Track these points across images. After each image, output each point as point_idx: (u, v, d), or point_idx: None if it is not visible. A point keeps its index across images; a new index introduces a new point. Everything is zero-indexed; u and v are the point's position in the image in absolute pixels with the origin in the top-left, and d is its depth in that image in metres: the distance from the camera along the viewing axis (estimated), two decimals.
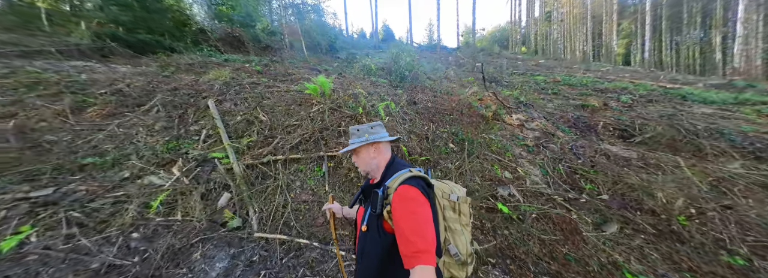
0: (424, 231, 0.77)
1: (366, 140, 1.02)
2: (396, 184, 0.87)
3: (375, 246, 0.88)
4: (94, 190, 2.31)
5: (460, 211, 0.92)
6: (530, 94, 6.50)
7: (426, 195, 0.86)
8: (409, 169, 0.94)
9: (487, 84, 7.91)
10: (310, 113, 3.56)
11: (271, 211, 2.37)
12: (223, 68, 5.42)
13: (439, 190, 0.93)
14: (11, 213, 1.98)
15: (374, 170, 1.04)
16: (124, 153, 2.73)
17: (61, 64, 4.35)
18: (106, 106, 3.50)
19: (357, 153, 1.06)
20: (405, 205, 0.82)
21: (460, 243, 0.87)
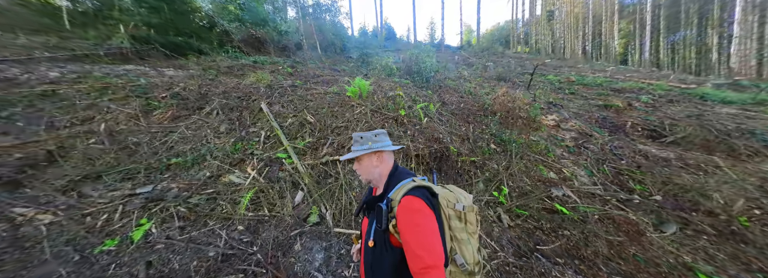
0: (431, 244, 0.75)
1: (369, 148, 0.98)
2: (399, 196, 0.84)
3: (384, 261, 0.85)
4: (185, 187, 2.37)
5: (466, 220, 0.88)
6: (548, 94, 6.45)
7: (430, 205, 0.83)
8: (412, 179, 0.91)
9: (502, 83, 7.85)
10: (354, 115, 3.61)
11: (341, 209, 2.46)
12: (259, 71, 5.36)
13: (444, 200, 0.88)
14: (128, 207, 2.16)
15: (376, 179, 1.00)
16: (200, 153, 2.79)
17: (116, 68, 4.33)
18: (169, 109, 3.50)
19: (359, 161, 1.01)
20: (410, 218, 0.79)
21: (466, 252, 0.83)
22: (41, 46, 5.19)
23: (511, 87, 6.87)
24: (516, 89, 6.29)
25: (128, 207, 2.11)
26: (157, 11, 6.90)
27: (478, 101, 4.85)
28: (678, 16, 22.51)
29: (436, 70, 6.45)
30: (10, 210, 1.92)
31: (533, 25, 28.00)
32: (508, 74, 9.05)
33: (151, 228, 1.98)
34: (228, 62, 6.32)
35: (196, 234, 2.00)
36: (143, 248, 1.85)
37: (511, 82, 7.89)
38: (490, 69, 10.90)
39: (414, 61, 6.86)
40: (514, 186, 2.91)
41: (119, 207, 2.12)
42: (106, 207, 2.11)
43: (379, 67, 7.28)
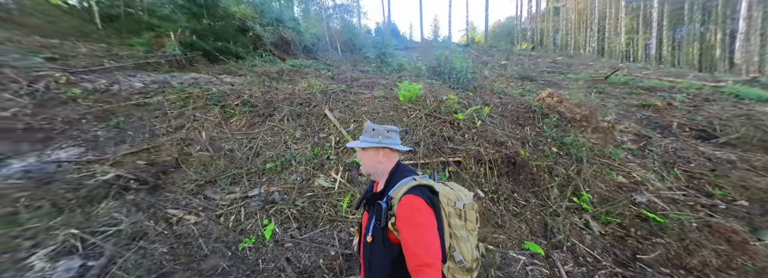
0: (428, 243, 0.74)
1: (378, 143, 0.96)
2: (399, 195, 0.83)
3: (382, 257, 0.84)
4: (284, 190, 2.59)
5: (465, 218, 0.87)
6: (577, 93, 6.50)
7: (430, 204, 0.81)
8: (414, 177, 0.89)
9: (524, 82, 7.82)
10: (411, 119, 3.72)
11: None
12: (307, 76, 5.49)
13: (445, 197, 0.87)
14: (248, 209, 2.37)
15: (377, 174, 0.99)
16: (285, 159, 2.97)
17: (183, 77, 4.51)
18: (244, 115, 3.70)
19: (365, 151, 0.99)
20: (409, 217, 0.78)
21: (464, 249, 0.82)
22: (104, 54, 5.35)
23: (542, 86, 6.71)
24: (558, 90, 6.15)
25: (249, 209, 2.32)
26: (197, 17, 6.96)
27: (521, 102, 4.72)
28: (681, 13, 21.84)
29: (472, 71, 6.45)
30: (165, 211, 2.18)
31: (538, 21, 27.32)
32: (531, 73, 9.01)
33: (275, 228, 2.18)
34: (269, 67, 6.44)
35: (313, 234, 2.16)
36: (276, 246, 2.04)
37: (543, 82, 7.74)
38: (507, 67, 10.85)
39: (443, 62, 6.91)
40: (591, 191, 2.81)
41: (241, 208, 2.33)
42: (231, 209, 2.32)
43: (408, 69, 7.33)
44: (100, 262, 1.78)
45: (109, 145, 2.86)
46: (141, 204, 2.21)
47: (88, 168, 2.52)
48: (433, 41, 23.50)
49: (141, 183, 2.36)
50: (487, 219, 2.41)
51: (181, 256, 1.91)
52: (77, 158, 2.63)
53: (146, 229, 2.05)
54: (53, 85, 3.48)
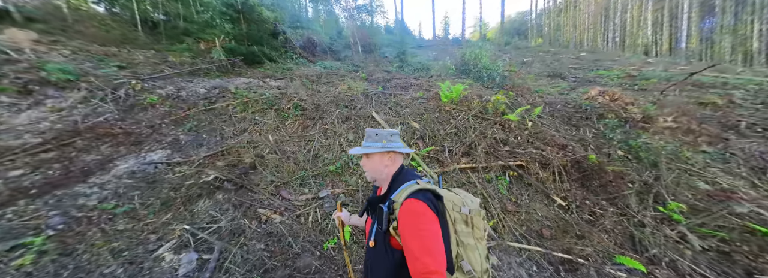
0: (433, 249, 0.70)
1: (384, 147, 0.92)
2: (402, 198, 0.78)
3: (383, 262, 0.80)
4: (349, 192, 2.72)
5: (473, 225, 0.82)
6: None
7: (434, 209, 0.77)
8: (417, 181, 0.85)
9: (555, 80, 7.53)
10: (458, 121, 3.65)
11: (496, 220, 2.41)
12: (343, 78, 5.61)
13: (450, 202, 0.83)
14: (323, 210, 2.51)
15: (382, 179, 0.95)
16: (344, 161, 3.10)
17: (234, 81, 4.75)
18: (297, 119, 3.87)
19: (370, 157, 0.95)
20: (412, 222, 0.73)
21: (473, 258, 0.77)
22: (160, 61, 5.68)
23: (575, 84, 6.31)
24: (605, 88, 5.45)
25: (323, 210, 2.43)
26: (235, 22, 7.20)
27: (567, 102, 4.42)
28: (712, 3, 20.03)
29: (508, 70, 6.23)
30: (256, 210, 2.39)
31: (553, 15, 25.97)
32: (558, 70, 8.67)
33: (351, 229, 2.22)
34: (304, 69, 6.60)
35: None
36: (359, 247, 2.09)
37: (573, 80, 7.41)
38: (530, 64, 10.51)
39: (472, 60, 6.79)
40: (678, 200, 2.58)
41: (316, 209, 2.45)
42: (307, 210, 2.44)
43: (431, 67, 7.25)
44: (213, 256, 1.98)
45: (190, 148, 3.10)
46: (234, 203, 2.42)
47: (179, 169, 2.77)
48: (444, 38, 22.94)
49: (233, 183, 2.57)
50: (563, 230, 2.34)
51: (277, 254, 2.06)
52: (167, 160, 2.89)
53: (243, 227, 2.23)
54: (131, 91, 3.78)
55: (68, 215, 2.09)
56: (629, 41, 21.37)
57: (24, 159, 2.51)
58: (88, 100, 3.43)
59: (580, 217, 2.46)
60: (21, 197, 2.15)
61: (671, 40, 20.54)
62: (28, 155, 2.55)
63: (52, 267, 1.74)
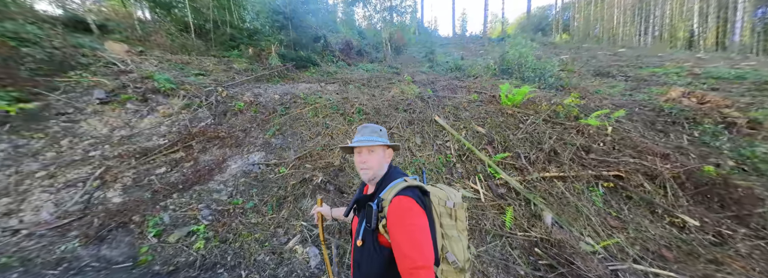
0: (421, 245, 0.69)
1: (385, 142, 0.91)
2: (390, 196, 0.78)
3: (372, 261, 0.80)
4: None
5: (456, 217, 0.83)
6: None
7: (422, 204, 0.77)
8: (404, 179, 0.85)
9: (603, 79, 6.97)
10: (527, 126, 3.51)
11: (614, 239, 2.16)
12: (391, 82, 5.69)
13: (435, 197, 0.83)
14: None
15: (380, 175, 0.92)
16: (417, 166, 3.21)
17: (298, 86, 4.99)
18: (361, 123, 4.03)
19: (375, 152, 0.92)
20: (401, 218, 0.73)
21: (457, 249, 0.78)
22: (226, 68, 6.11)
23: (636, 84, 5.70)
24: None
25: None
26: (283, 29, 7.51)
27: (642, 104, 4.01)
28: None
29: (564, 69, 5.83)
30: None
31: (583, 8, 23.94)
32: (606, 68, 8.09)
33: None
34: (349, 73, 6.78)
35: (487, 248, 2.06)
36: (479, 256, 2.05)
37: (624, 78, 6.84)
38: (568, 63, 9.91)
39: (516, 59, 6.52)
40: None
41: None
42: None
43: (479, 68, 7.06)
44: (334, 252, 2.20)
45: (280, 151, 3.38)
46: (335, 203, 2.64)
47: (278, 170, 3.04)
48: (462, 35, 22.06)
49: (332, 184, 2.80)
50: (686, 252, 2.09)
51: None
52: (265, 161, 3.18)
53: (348, 226, 2.44)
54: (219, 98, 4.14)
55: (211, 208, 2.40)
56: (667, 35, 19.27)
57: (161, 159, 2.89)
58: (188, 106, 3.81)
59: (702, 238, 2.21)
60: (173, 191, 2.51)
61: (718, 32, 18.19)
62: (163, 155, 2.93)
63: (217, 251, 2.04)
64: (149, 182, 2.62)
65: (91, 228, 2.18)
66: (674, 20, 19.14)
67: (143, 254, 2.03)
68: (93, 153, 2.78)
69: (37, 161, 2.60)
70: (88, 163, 2.68)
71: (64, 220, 2.22)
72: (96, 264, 1.95)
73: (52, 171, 2.54)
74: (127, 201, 2.41)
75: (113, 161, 2.76)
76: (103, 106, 3.29)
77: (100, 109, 3.25)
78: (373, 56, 10.16)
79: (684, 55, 11.58)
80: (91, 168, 2.64)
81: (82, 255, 2.00)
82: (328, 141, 3.60)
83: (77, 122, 3.02)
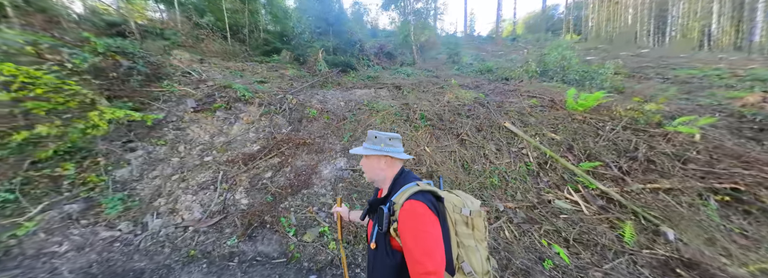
0: (432, 250, 0.66)
1: (380, 151, 0.88)
2: (402, 200, 0.75)
3: (384, 265, 0.76)
4: (524, 209, 2.63)
5: (473, 226, 0.77)
6: None
7: (434, 210, 0.73)
8: (417, 183, 0.80)
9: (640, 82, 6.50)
10: (607, 133, 3.23)
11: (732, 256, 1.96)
12: (441, 86, 5.45)
13: (450, 204, 0.78)
14: (516, 225, 2.41)
15: (381, 181, 0.91)
16: (499, 173, 3.01)
17: (358, 92, 4.85)
18: (427, 129, 3.86)
19: (368, 159, 0.92)
20: (412, 223, 0.70)
21: (474, 260, 0.73)
22: (280, 75, 6.02)
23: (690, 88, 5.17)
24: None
25: (519, 226, 2.34)
26: (323, 34, 7.34)
27: (713, 109, 3.65)
28: None
29: (620, 72, 5.38)
30: None
31: (597, 8, 22.61)
32: (637, 70, 7.59)
33: (565, 251, 2.03)
34: (391, 77, 6.57)
35: (614, 265, 1.87)
36: (580, 271, 1.87)
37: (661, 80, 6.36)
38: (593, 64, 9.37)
39: (557, 61, 6.14)
40: None
41: (507, 223, 2.35)
42: (499, 223, 2.34)
43: (518, 71, 6.70)
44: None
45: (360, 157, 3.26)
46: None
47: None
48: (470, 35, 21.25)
49: None
50: None
51: (501, 269, 2.00)
52: (350, 167, 3.07)
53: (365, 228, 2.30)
54: (291, 105, 4.04)
55: (324, 211, 2.32)
56: (680, 36, 18.03)
57: (263, 164, 2.83)
58: (266, 113, 3.72)
59: None
60: (286, 194, 2.45)
61: (733, 33, 16.85)
62: (263, 160, 2.87)
63: (346, 252, 1.98)
64: (263, 186, 2.62)
65: (238, 226, 2.23)
66: (690, 20, 17.87)
67: (291, 251, 2.04)
68: (207, 159, 2.79)
69: (170, 166, 2.64)
70: (207, 168, 2.71)
71: (213, 219, 2.27)
72: (260, 258, 2.01)
73: (183, 175, 2.59)
74: (253, 202, 2.45)
75: (225, 166, 2.77)
76: (197, 114, 3.24)
77: (195, 117, 3.20)
78: (401, 59, 9.90)
79: (706, 56, 10.80)
80: (212, 173, 2.66)
81: (246, 250, 2.07)
82: (408, 150, 3.46)
83: (183, 130, 3.00)
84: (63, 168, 2.24)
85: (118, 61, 3.07)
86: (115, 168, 2.47)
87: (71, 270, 1.77)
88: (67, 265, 1.79)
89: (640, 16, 18.76)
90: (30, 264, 1.78)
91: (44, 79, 2.23)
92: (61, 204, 2.13)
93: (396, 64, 8.94)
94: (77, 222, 2.06)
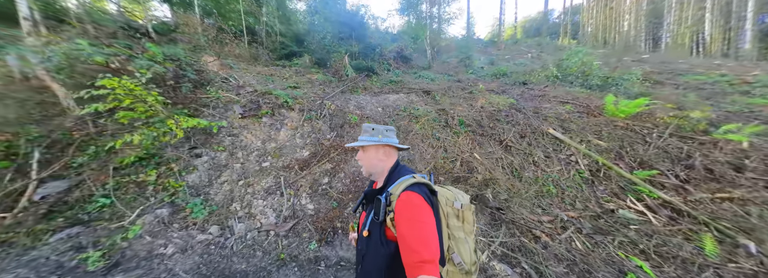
0: (427, 240, 0.65)
1: (378, 141, 0.86)
2: (399, 191, 0.74)
3: (377, 253, 0.74)
4: (588, 218, 2.50)
5: (464, 219, 0.78)
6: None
7: (429, 202, 0.73)
8: (413, 175, 0.80)
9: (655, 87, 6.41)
10: (656, 140, 3.08)
11: None
12: (469, 92, 5.30)
13: (443, 197, 0.79)
14: (586, 235, 2.25)
15: (378, 173, 0.89)
16: (553, 181, 2.87)
17: (391, 97, 4.68)
18: (467, 134, 3.71)
19: (365, 151, 0.90)
20: (408, 213, 0.69)
21: (464, 251, 0.73)
22: (308, 80, 5.81)
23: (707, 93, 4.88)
24: None
25: (584, 236, 2.19)
26: (352, 41, 7.15)
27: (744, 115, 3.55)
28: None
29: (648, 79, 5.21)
30: (530, 230, 2.26)
31: (590, 13, 22.68)
32: (649, 75, 7.52)
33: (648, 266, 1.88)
34: (416, 82, 6.40)
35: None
36: None
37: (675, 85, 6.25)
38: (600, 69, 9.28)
39: (578, 66, 6.01)
40: None
41: (576, 234, 2.20)
42: (568, 234, 2.21)
43: (539, 76, 6.56)
44: (532, 272, 1.92)
45: (409, 163, 3.09)
46: (494, 217, 2.35)
47: None
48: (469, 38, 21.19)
49: (493, 200, 2.51)
50: None
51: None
52: None
53: (526, 246, 2.12)
54: (329, 111, 3.86)
55: None
56: (672, 42, 18.19)
57: (317, 169, 2.66)
58: (308, 119, 3.54)
59: None
60: (348, 200, 2.31)
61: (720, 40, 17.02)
62: (316, 166, 2.70)
63: None
64: (324, 191, 2.50)
65: (313, 231, 2.16)
66: (681, 27, 18.05)
67: None
68: (265, 165, 2.67)
69: (234, 171, 2.55)
70: (267, 174, 2.60)
71: (288, 224, 2.20)
72: (344, 263, 1.94)
73: (248, 181, 2.49)
74: (319, 208, 2.34)
75: (283, 171, 2.65)
76: (244, 120, 3.05)
77: (243, 123, 3.02)
78: (416, 62, 9.74)
79: (702, 62, 10.82)
80: (273, 178, 2.56)
81: (328, 255, 2.00)
82: (449, 154, 3.30)
83: (236, 136, 2.84)
84: (147, 175, 2.25)
85: (175, 69, 2.90)
86: (186, 174, 2.42)
87: (185, 270, 1.78)
88: (179, 266, 1.80)
89: (635, 22, 18.86)
90: (146, 264, 1.80)
91: (136, 91, 2.29)
92: (153, 208, 2.12)
93: (412, 68, 8.79)
94: (171, 226, 2.04)
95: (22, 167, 2.06)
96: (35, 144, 2.13)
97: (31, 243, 1.81)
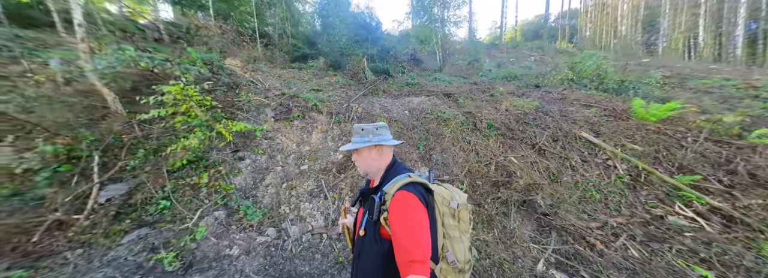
0: (419, 239, 0.65)
1: (369, 141, 0.84)
2: (393, 190, 0.73)
3: (372, 252, 0.74)
4: (637, 225, 2.38)
5: (459, 218, 0.77)
6: None
7: (424, 201, 0.72)
8: (409, 174, 0.78)
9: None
10: (691, 144, 2.98)
11: None
12: (490, 94, 5.17)
13: (439, 196, 0.78)
14: (640, 242, 2.10)
15: (374, 172, 0.87)
16: (592, 185, 2.75)
17: (414, 100, 4.52)
18: (497, 138, 3.59)
19: (359, 152, 0.88)
20: (402, 212, 0.68)
21: (458, 250, 0.73)
22: (329, 82, 5.63)
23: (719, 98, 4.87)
24: None
25: (637, 242, 2.05)
26: (368, 43, 7.02)
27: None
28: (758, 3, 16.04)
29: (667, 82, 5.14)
30: (583, 237, 2.12)
31: (588, 17, 22.80)
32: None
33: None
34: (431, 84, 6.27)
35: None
36: None
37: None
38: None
39: (593, 69, 5.93)
40: None
41: (629, 242, 2.07)
42: (622, 241, 2.07)
43: (553, 78, 6.46)
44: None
45: (445, 166, 2.96)
46: (542, 224, 2.22)
47: (460, 186, 2.62)
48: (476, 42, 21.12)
49: (542, 205, 2.37)
50: None
51: None
52: (437, 177, 2.77)
53: (582, 254, 2.00)
54: (356, 114, 3.72)
55: None
56: (667, 46, 18.32)
57: (355, 173, 2.53)
58: (337, 122, 3.40)
59: None
60: None
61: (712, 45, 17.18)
62: (353, 169, 2.57)
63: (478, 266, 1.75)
64: None
65: None
66: (675, 32, 18.21)
67: None
68: (303, 168, 2.55)
69: (276, 174, 2.44)
70: (308, 176, 2.49)
71: (338, 227, 2.11)
72: None
73: (291, 183, 2.38)
74: None
75: (322, 174, 2.52)
76: (277, 123, 2.90)
77: (276, 126, 2.87)
78: (426, 65, 9.61)
79: (699, 66, 10.83)
80: (314, 181, 2.46)
81: None
82: (479, 158, 3.18)
83: (272, 139, 2.71)
84: (199, 177, 2.21)
85: (212, 73, 2.77)
86: (233, 177, 2.34)
87: (254, 272, 1.74)
88: (248, 268, 1.76)
89: (634, 27, 18.97)
90: (218, 265, 1.76)
91: (195, 97, 2.28)
92: (210, 210, 2.07)
93: (425, 71, 8.67)
94: (230, 228, 1.98)
95: (84, 170, 2.02)
96: (93, 148, 2.08)
97: (109, 244, 1.77)
